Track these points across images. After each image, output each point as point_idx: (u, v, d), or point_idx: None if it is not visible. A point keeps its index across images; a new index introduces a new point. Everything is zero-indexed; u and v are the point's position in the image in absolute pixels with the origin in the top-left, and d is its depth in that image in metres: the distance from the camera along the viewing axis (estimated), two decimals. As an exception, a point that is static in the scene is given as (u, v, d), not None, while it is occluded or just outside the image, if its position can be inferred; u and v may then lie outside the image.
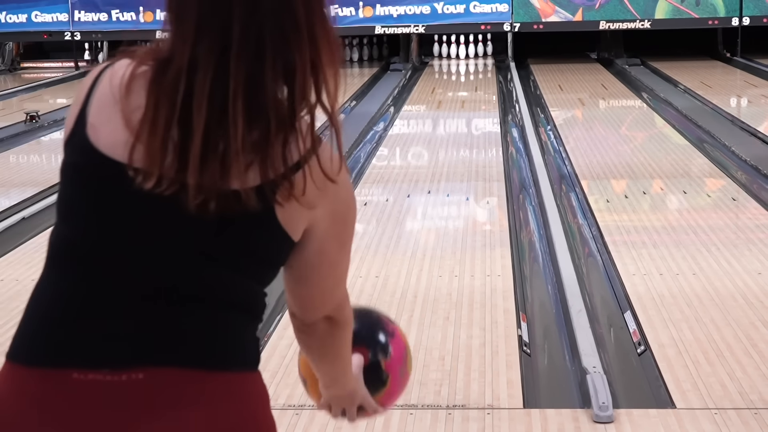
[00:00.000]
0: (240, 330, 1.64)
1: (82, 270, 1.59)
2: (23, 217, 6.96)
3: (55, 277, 1.62)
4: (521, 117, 10.65)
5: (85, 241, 1.58)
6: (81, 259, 1.58)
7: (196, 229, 1.55)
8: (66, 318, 1.59)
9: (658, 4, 15.08)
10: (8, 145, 9.94)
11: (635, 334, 4.52)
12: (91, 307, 1.57)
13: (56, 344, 1.59)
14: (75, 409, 1.56)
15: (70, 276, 1.60)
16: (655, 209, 6.85)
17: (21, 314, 1.66)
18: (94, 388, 1.55)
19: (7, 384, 1.64)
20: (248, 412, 1.64)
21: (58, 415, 1.57)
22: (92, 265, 1.58)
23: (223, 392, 1.60)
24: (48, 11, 15.78)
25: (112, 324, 1.56)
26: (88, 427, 1.56)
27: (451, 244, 6.09)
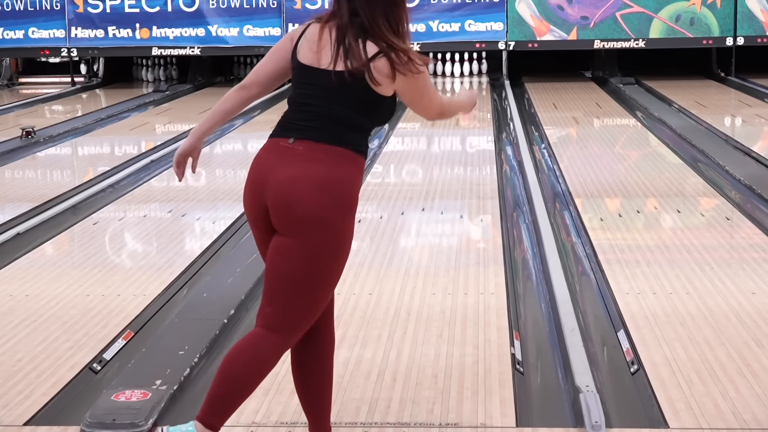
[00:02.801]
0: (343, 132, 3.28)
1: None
2: (18, 232, 6.95)
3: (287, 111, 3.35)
4: (515, 135, 10.65)
5: (295, 95, 3.32)
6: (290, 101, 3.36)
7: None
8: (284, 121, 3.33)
9: (652, 24, 15.12)
10: (4, 160, 9.92)
11: (628, 353, 4.50)
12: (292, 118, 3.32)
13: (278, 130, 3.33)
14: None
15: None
16: (649, 228, 6.84)
17: (15, 329, 1.66)
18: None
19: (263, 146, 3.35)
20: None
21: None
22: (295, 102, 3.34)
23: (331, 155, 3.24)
24: (45, 27, 15.79)
25: (297, 123, 3.28)
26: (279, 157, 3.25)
27: (445, 261, 6.08)
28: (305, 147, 3.21)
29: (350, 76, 3.20)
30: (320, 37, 3.25)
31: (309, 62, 3.26)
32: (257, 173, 3.26)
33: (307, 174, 3.17)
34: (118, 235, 7.04)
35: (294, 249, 3.18)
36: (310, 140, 3.21)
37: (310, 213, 3.15)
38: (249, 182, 3.29)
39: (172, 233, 7.00)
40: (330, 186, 3.17)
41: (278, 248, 3.22)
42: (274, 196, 3.19)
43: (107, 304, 5.36)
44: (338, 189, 3.19)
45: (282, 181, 3.18)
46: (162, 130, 12.10)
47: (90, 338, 4.83)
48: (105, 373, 4.43)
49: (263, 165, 3.25)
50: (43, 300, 5.45)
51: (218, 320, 4.94)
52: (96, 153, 10.93)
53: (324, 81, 3.23)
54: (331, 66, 3.23)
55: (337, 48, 3.22)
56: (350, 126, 3.24)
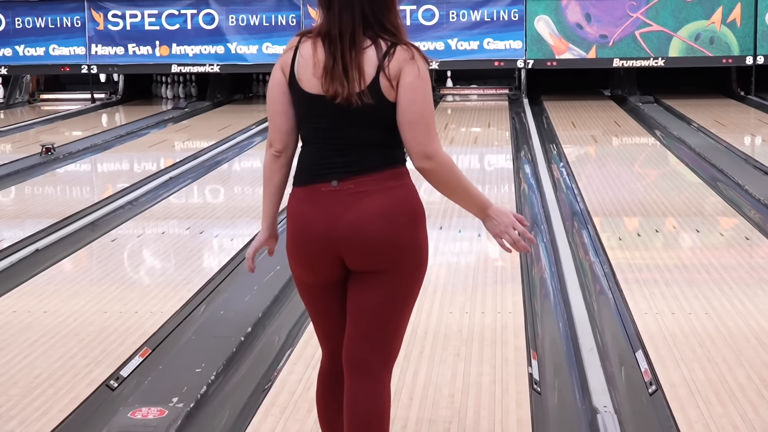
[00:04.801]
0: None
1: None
2: (37, 248, 6.97)
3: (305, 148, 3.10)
4: (534, 153, 10.64)
5: (314, 130, 3.06)
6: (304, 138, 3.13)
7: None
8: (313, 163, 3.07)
9: (672, 42, 15.10)
10: (24, 176, 9.97)
11: (646, 374, 4.48)
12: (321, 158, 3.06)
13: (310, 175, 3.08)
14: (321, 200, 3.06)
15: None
16: (667, 247, 6.82)
17: (33, 346, 1.67)
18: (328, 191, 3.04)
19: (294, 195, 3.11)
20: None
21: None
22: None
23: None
24: (65, 45, 15.88)
25: (330, 162, 3.03)
26: (332, 203, 3.03)
27: (462, 280, 6.07)
28: (355, 184, 2.99)
29: (368, 91, 2.95)
30: (318, 58, 2.99)
31: (318, 90, 2.99)
32: (312, 227, 3.03)
33: (374, 208, 2.98)
34: (136, 252, 7.06)
35: (392, 282, 3.04)
36: (356, 176, 3.00)
37: (398, 243, 3.02)
38: (301, 239, 3.06)
39: (190, 250, 7.01)
40: (400, 210, 3.02)
41: (370, 286, 3.05)
42: (351, 240, 3.01)
43: (125, 321, 5.36)
44: (407, 208, 3.04)
45: (353, 223, 2.99)
46: (181, 147, 12.13)
47: (107, 355, 4.83)
48: (122, 390, 4.43)
49: (316, 216, 3.02)
50: (61, 316, 5.46)
51: (235, 338, 4.94)
52: (115, 170, 10.96)
53: (342, 107, 2.97)
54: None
55: (345, 66, 2.96)
56: (385, 145, 3.03)
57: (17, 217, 8.18)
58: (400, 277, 3.05)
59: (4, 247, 7.01)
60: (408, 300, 3.10)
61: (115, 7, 15.73)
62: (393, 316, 3.07)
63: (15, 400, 4.29)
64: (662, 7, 15.03)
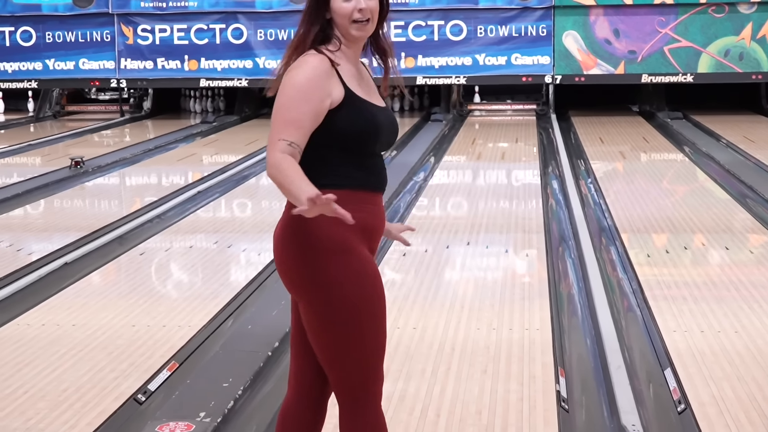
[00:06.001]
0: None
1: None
2: (65, 262, 7.00)
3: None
4: (561, 169, 10.62)
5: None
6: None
7: None
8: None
9: (701, 58, 15.04)
10: (53, 190, 10.03)
11: (675, 392, 4.45)
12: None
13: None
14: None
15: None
16: (696, 264, 6.79)
17: (61, 359, 1.68)
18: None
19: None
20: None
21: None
22: None
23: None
24: (95, 59, 15.97)
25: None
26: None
27: (490, 296, 6.06)
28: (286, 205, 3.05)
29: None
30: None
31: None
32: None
33: (276, 231, 3.07)
34: (164, 266, 7.08)
35: (304, 312, 3.01)
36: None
37: (288, 272, 3.03)
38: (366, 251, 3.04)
39: (217, 264, 7.03)
40: (288, 236, 3.00)
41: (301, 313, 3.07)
42: None
43: (153, 335, 5.38)
44: (293, 235, 2.98)
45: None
46: (209, 161, 12.18)
47: (135, 369, 4.85)
48: (149, 404, 4.44)
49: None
50: (89, 330, 5.48)
51: (263, 352, 4.94)
52: (143, 183, 11.01)
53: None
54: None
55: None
56: (301, 162, 2.96)
57: (46, 231, 8.23)
58: (306, 307, 2.97)
59: (33, 260, 7.04)
60: (335, 332, 2.95)
61: (145, 21, 15.82)
62: (322, 347, 2.98)
63: (43, 413, 4.31)
64: (691, 23, 14.98)
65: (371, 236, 3.05)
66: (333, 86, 2.96)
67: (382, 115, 3.05)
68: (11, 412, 4.33)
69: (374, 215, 3.06)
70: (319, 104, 2.93)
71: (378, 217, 3.07)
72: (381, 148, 3.09)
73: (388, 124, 3.07)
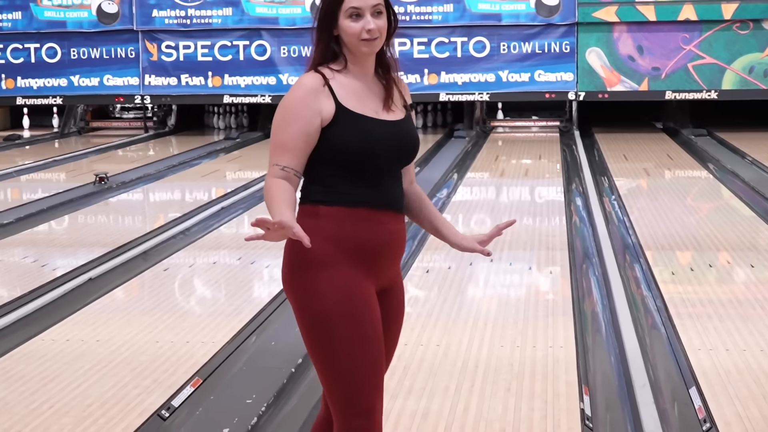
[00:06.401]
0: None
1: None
2: (90, 277, 7.03)
3: None
4: (585, 186, 10.60)
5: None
6: None
7: None
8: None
9: (725, 75, 15.00)
10: (77, 205, 10.07)
11: (700, 411, 4.43)
12: None
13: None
14: None
15: None
16: (721, 282, 6.75)
17: (86, 375, 1.69)
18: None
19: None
20: None
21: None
22: None
23: None
24: (119, 75, 16.06)
25: None
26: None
27: (513, 313, 6.05)
28: None
29: None
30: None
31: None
32: None
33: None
34: (187, 282, 7.10)
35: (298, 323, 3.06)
36: None
37: (284, 284, 3.09)
38: None
39: (240, 280, 7.04)
40: (287, 250, 3.07)
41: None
42: None
43: (176, 351, 5.39)
44: (289, 248, 3.05)
45: None
46: (232, 177, 12.21)
47: (159, 385, 4.86)
48: (173, 420, 4.45)
49: None
50: (113, 345, 5.50)
51: (286, 369, 4.95)
52: (167, 199, 11.05)
53: None
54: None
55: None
56: (305, 180, 3.09)
57: (70, 246, 8.26)
58: (297, 318, 3.02)
59: (58, 276, 7.07)
60: (312, 345, 2.98)
61: (169, 38, 15.90)
62: (314, 361, 3.01)
63: (67, 429, 4.32)
64: (715, 40, 14.95)
65: (370, 256, 3.00)
66: (323, 104, 2.95)
67: (382, 130, 3.01)
68: (36, 427, 4.34)
69: (376, 234, 3.01)
70: (308, 124, 2.94)
71: (381, 235, 3.01)
72: (387, 163, 3.03)
73: (390, 139, 3.02)
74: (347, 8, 2.96)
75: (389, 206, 3.04)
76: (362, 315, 2.95)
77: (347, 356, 2.94)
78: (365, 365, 2.94)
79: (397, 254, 3.09)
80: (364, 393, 2.95)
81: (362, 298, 2.97)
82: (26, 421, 4.41)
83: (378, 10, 2.99)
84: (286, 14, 15.55)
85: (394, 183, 3.07)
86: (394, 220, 3.05)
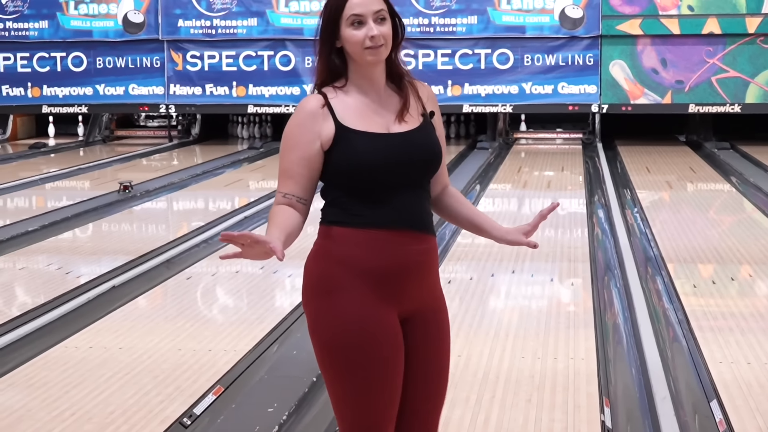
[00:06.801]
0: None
1: None
2: (113, 285, 7.06)
3: None
4: (607, 198, 10.58)
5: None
6: None
7: None
8: None
9: (749, 88, 14.96)
10: (101, 213, 10.12)
11: (721, 424, 4.41)
12: None
13: None
14: None
15: None
16: (743, 295, 6.73)
17: (108, 382, 1.70)
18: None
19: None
20: None
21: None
22: None
23: None
24: (145, 84, 16.13)
25: None
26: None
27: (535, 324, 6.04)
28: None
29: None
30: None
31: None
32: None
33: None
34: (210, 290, 7.12)
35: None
36: None
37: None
38: None
39: (263, 290, 7.06)
40: (304, 271, 3.00)
41: None
42: None
43: (198, 359, 5.41)
44: (304, 269, 2.99)
45: None
46: (255, 187, 12.24)
47: (181, 392, 4.87)
48: (195, 428, 4.46)
49: None
50: (136, 353, 5.52)
51: (307, 378, 4.96)
52: (190, 208, 11.09)
53: None
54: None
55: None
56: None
57: (94, 254, 8.30)
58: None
59: (82, 283, 7.11)
60: (320, 367, 2.93)
61: (194, 48, 15.97)
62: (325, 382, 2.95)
63: (90, 435, 4.34)
64: (739, 53, 14.90)
65: (386, 280, 2.86)
66: (322, 126, 2.85)
67: (387, 145, 2.87)
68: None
69: (392, 255, 2.86)
70: (308, 149, 2.86)
71: (398, 257, 2.86)
72: (399, 178, 2.87)
73: (397, 152, 2.87)
74: (348, 16, 2.84)
75: (407, 225, 2.88)
76: (369, 343, 2.82)
77: (351, 384, 2.84)
78: (371, 395, 2.83)
79: (423, 276, 2.93)
80: (370, 422, 2.85)
81: (372, 325, 2.83)
82: (49, 427, 4.44)
83: (381, 17, 2.86)
84: (311, 25, 15.58)
85: (414, 199, 2.90)
86: (415, 239, 2.89)
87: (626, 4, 15.06)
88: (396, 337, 2.86)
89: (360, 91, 2.91)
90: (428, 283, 2.97)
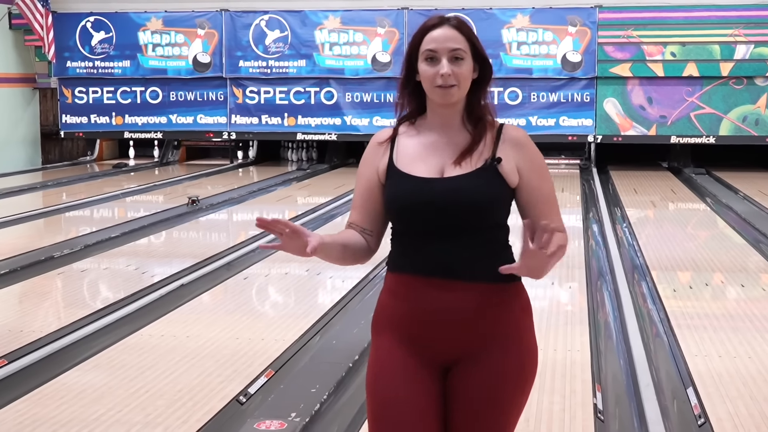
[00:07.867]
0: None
1: None
2: (182, 284, 7.08)
3: None
4: (601, 214, 10.53)
5: None
6: None
7: None
8: None
9: (722, 123, 14.87)
10: (173, 223, 10.16)
11: (696, 408, 4.38)
12: None
13: None
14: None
15: None
16: (715, 299, 6.68)
17: (177, 365, 1.70)
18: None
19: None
20: None
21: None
22: None
23: None
24: (210, 114, 16.20)
25: None
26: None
27: (537, 322, 5.96)
28: None
29: None
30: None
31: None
32: None
33: None
34: (263, 289, 7.13)
35: None
36: None
37: None
38: None
39: (308, 289, 7.06)
40: None
41: None
42: None
43: (253, 347, 5.41)
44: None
45: None
46: (303, 202, 12.26)
47: (238, 374, 4.88)
48: (249, 405, 4.47)
49: None
50: (200, 341, 5.54)
51: (344, 364, 4.95)
52: (248, 219, 11.11)
53: None
54: None
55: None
56: None
57: (166, 257, 8.33)
58: None
59: (155, 282, 7.14)
60: None
61: (252, 84, 16.03)
62: None
63: (161, 410, 4.36)
64: (714, 93, 14.83)
65: (415, 328, 2.42)
66: (380, 161, 2.47)
67: (420, 189, 2.39)
68: (135, 407, 4.39)
69: (419, 303, 2.40)
70: (369, 180, 2.49)
71: (425, 304, 2.40)
72: (429, 224, 2.39)
73: (428, 199, 2.37)
74: (424, 50, 2.42)
75: (436, 272, 2.40)
76: (384, 390, 2.42)
77: (370, 424, 2.49)
78: None
79: (460, 324, 2.42)
80: None
81: (391, 373, 2.42)
82: (126, 402, 4.46)
83: (457, 56, 2.41)
84: (351, 66, 15.63)
85: (450, 246, 2.40)
86: (444, 287, 2.40)
87: (618, 50, 15.01)
88: (416, 387, 2.41)
89: (430, 128, 2.48)
90: (472, 332, 2.44)
